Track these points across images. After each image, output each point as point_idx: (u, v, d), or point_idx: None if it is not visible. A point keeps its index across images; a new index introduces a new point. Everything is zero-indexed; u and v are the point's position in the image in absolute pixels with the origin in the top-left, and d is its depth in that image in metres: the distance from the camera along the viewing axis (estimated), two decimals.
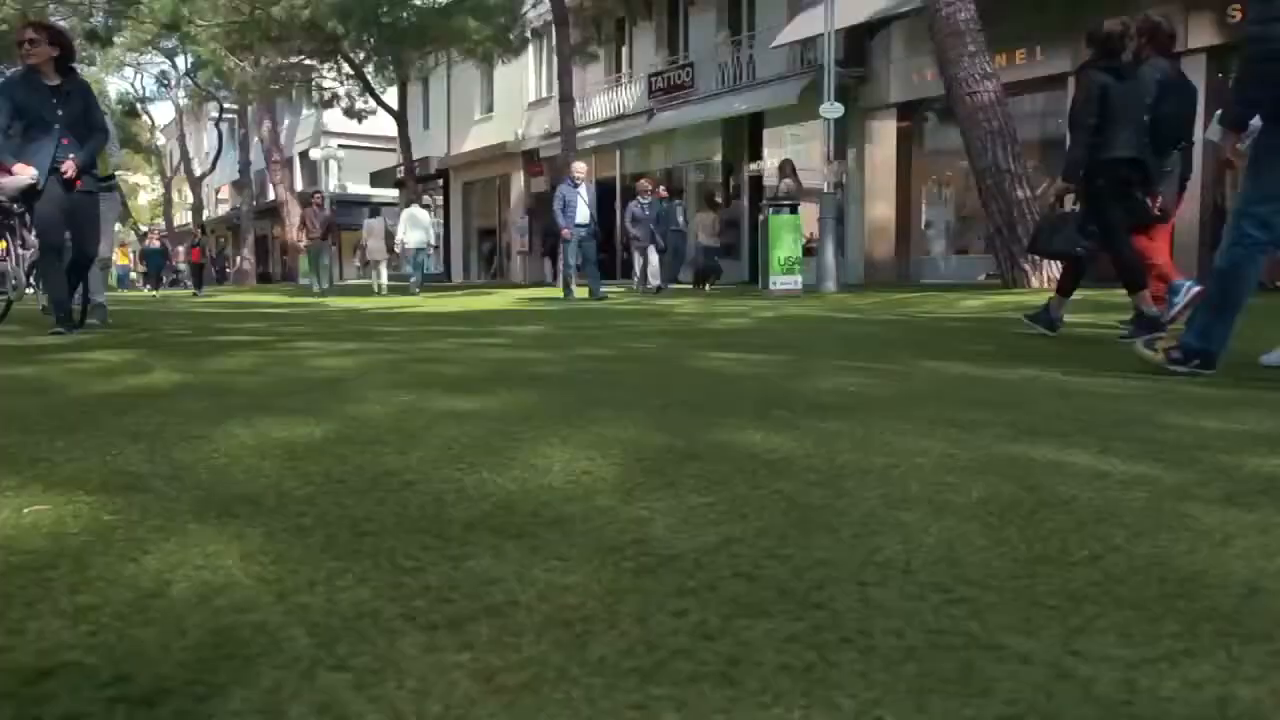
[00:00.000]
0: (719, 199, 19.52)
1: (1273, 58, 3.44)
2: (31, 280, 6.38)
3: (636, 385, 3.31)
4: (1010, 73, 13.76)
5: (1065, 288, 5.82)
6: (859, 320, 7.59)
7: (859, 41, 16.33)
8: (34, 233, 6.12)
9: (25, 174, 5.44)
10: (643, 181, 15.23)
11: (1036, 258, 9.94)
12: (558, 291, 15.64)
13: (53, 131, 5.52)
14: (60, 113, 5.57)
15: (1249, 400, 3.13)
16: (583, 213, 12.69)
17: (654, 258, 15.14)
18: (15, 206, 5.83)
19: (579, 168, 13.37)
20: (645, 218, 15.01)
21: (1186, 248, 11.44)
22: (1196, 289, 5.58)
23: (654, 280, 14.99)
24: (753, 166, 19.20)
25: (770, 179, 17.06)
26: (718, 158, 20.41)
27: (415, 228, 17.91)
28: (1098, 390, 3.32)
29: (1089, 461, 1.99)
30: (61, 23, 32.59)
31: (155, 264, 25.33)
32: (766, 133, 18.81)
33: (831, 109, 12.88)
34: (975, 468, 1.93)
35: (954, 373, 3.95)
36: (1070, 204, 5.64)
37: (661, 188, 16.60)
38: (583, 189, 12.82)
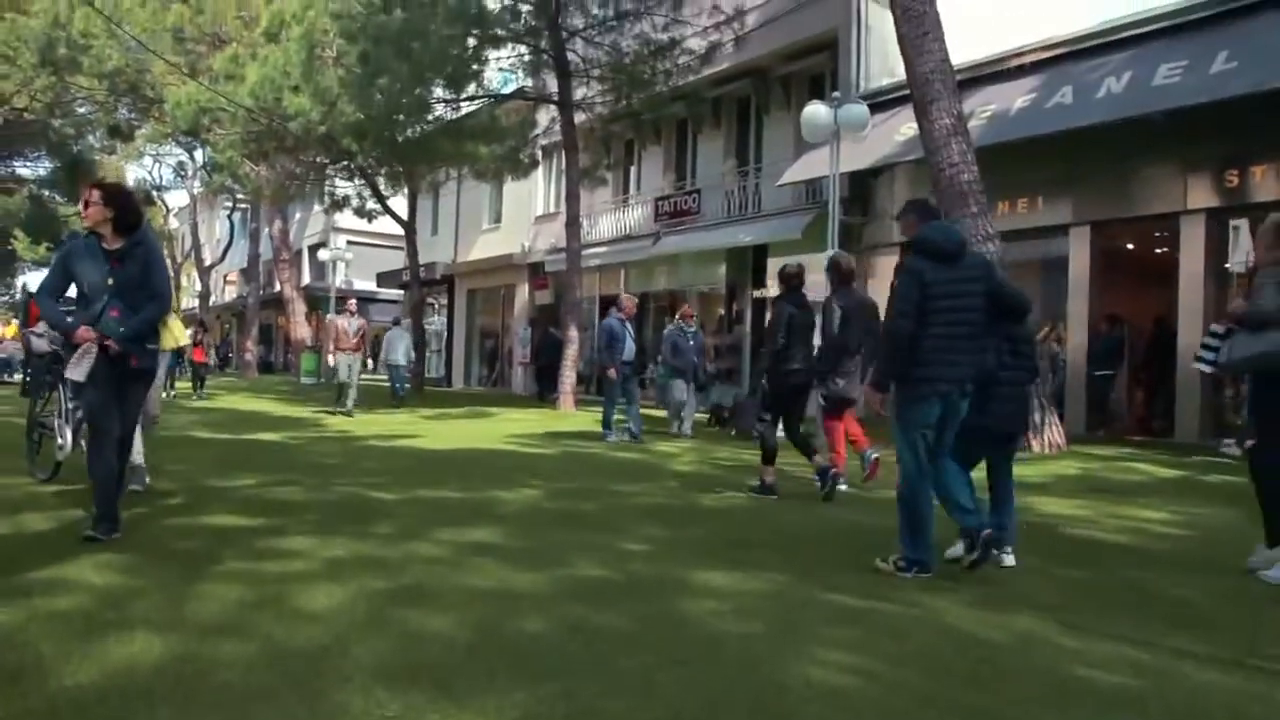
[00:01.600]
0: (716, 324, 19.68)
1: (900, 334, 4.63)
2: (82, 443, 5.99)
3: (623, 685, 3.22)
4: (1011, 220, 14.01)
5: (768, 458, 7.44)
6: (856, 499, 7.48)
7: (863, 181, 16.65)
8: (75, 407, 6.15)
9: (87, 342, 4.98)
10: (686, 308, 14.39)
11: (1041, 419, 10.84)
12: (556, 418, 15.64)
13: (103, 301, 5.07)
14: (111, 281, 5.06)
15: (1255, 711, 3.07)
16: (630, 349, 12.74)
17: (691, 396, 13.75)
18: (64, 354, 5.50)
19: (629, 304, 13.11)
20: (688, 349, 13.37)
21: None
22: (876, 456, 7.54)
23: (686, 421, 13.65)
24: (756, 294, 19.37)
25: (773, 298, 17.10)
26: (721, 278, 20.60)
27: (398, 348, 19.50)
28: (1099, 684, 3.30)
29: None
30: (90, 113, 33.48)
31: (170, 364, 25.40)
32: (771, 261, 19.03)
33: None
34: None
35: (949, 626, 4.02)
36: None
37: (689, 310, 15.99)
38: (629, 325, 12.83)
